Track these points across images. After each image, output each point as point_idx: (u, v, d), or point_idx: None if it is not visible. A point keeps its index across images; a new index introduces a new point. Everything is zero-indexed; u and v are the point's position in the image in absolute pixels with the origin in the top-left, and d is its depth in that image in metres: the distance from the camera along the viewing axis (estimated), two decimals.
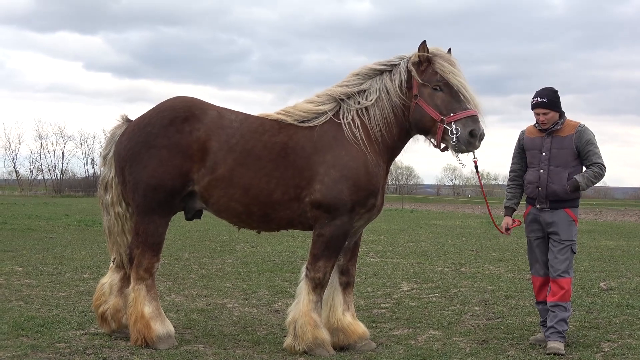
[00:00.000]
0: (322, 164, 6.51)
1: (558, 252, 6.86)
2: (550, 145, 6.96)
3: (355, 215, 6.55)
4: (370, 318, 8.21)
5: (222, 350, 6.59)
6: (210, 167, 6.60)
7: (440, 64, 6.49)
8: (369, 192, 6.54)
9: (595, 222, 31.80)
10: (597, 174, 6.92)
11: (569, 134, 6.93)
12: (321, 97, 6.80)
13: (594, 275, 12.03)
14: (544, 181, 6.93)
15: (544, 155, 6.98)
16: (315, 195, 6.49)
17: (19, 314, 7.95)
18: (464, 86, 6.44)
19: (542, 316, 7.13)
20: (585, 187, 6.92)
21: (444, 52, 6.60)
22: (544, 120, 6.94)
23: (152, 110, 6.91)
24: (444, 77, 6.44)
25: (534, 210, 7.05)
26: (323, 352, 6.47)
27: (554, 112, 6.94)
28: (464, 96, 6.41)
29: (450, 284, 10.96)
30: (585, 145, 6.91)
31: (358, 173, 6.48)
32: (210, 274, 11.81)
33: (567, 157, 6.93)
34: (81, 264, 12.62)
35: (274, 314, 8.47)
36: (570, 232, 6.91)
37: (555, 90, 7.02)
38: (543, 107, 6.92)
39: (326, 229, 6.52)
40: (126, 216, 7.01)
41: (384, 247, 17.27)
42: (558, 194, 6.88)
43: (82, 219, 25.49)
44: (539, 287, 7.12)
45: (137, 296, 6.69)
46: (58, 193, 77.59)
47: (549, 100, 6.92)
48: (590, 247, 17.66)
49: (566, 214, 6.91)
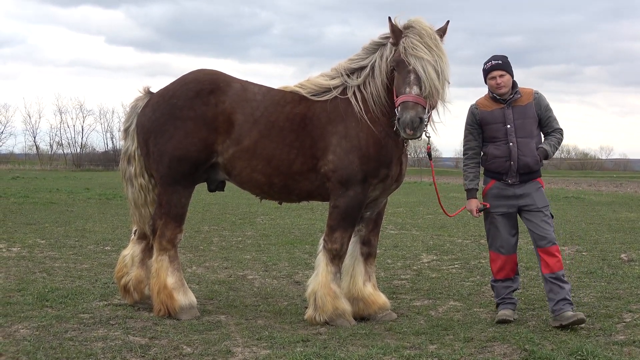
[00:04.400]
0: (335, 135, 6.52)
1: (540, 222, 6.62)
2: (513, 116, 6.67)
3: (368, 185, 6.54)
4: (391, 289, 8.24)
5: (243, 321, 6.64)
6: (235, 139, 6.62)
7: (405, 40, 6.21)
8: (380, 163, 6.51)
9: (615, 194, 31.58)
10: (560, 140, 6.78)
11: (529, 102, 6.70)
12: (331, 72, 6.81)
13: (614, 247, 11.97)
14: (515, 154, 6.62)
15: (509, 128, 6.66)
16: (329, 166, 6.50)
17: (43, 285, 8.05)
18: (420, 63, 6.08)
19: (498, 294, 6.85)
20: (552, 155, 6.74)
21: (420, 25, 6.25)
22: (500, 82, 6.63)
23: (176, 83, 6.92)
24: (399, 56, 6.20)
25: (499, 185, 6.75)
26: (344, 322, 6.50)
27: (509, 75, 6.68)
28: (412, 77, 6.09)
29: (470, 256, 10.95)
30: (544, 111, 6.73)
31: (367, 143, 6.46)
32: (231, 246, 11.88)
33: (531, 127, 6.69)
34: (102, 237, 12.74)
35: (295, 285, 8.52)
36: (543, 197, 6.73)
37: (507, 56, 6.78)
38: (499, 69, 6.65)
39: (340, 200, 6.53)
40: (149, 188, 7.06)
41: (403, 219, 17.28)
42: (530, 166, 6.64)
43: (103, 193, 25.66)
44: (500, 265, 6.81)
45: (159, 267, 6.75)
46: (78, 167, 78.03)
47: (504, 62, 6.70)
48: (610, 219, 17.56)
49: (535, 182, 6.72)
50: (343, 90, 6.68)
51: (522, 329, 6.41)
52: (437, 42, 6.21)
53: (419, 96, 6.03)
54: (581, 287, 8.30)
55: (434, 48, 6.15)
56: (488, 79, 6.75)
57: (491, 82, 6.72)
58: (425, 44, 6.13)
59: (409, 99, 6.01)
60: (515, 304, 6.87)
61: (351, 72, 6.71)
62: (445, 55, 6.23)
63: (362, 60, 6.68)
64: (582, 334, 6.22)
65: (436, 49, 6.15)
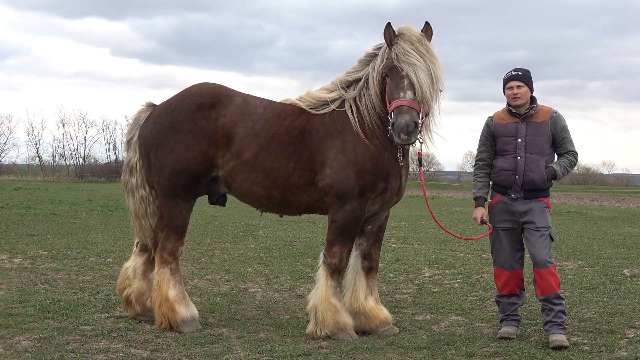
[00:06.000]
0: (332, 148, 6.52)
1: (537, 241, 6.52)
2: (525, 131, 6.59)
3: (365, 200, 6.53)
4: (393, 303, 8.22)
5: (245, 334, 6.64)
6: (235, 152, 6.64)
7: (396, 47, 6.22)
8: (376, 176, 6.50)
9: (618, 210, 31.55)
10: (572, 162, 6.66)
11: (544, 120, 6.60)
12: (330, 85, 6.83)
13: (617, 262, 11.94)
14: (521, 169, 6.55)
15: (520, 142, 6.59)
16: (326, 180, 6.51)
17: (45, 297, 8.05)
18: (413, 69, 6.09)
19: (502, 311, 6.78)
20: (562, 176, 6.61)
21: (410, 32, 6.27)
22: (517, 93, 6.57)
23: (178, 96, 6.95)
24: (392, 62, 6.20)
25: (504, 199, 6.68)
26: (345, 336, 6.49)
27: (527, 88, 6.61)
28: (406, 83, 6.09)
29: (473, 270, 10.93)
30: (560, 131, 6.61)
31: (364, 157, 6.46)
32: (233, 258, 11.87)
33: (544, 144, 6.59)
34: (105, 248, 12.73)
35: (296, 298, 8.51)
36: (546, 219, 6.59)
37: (529, 70, 6.74)
38: (518, 80, 6.59)
39: (338, 214, 6.53)
40: (149, 199, 7.08)
41: (405, 233, 17.25)
42: (535, 183, 6.54)
43: (105, 204, 25.67)
44: (504, 281, 6.73)
45: (161, 280, 6.75)
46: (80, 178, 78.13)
47: (524, 74, 6.66)
48: (613, 234, 17.53)
49: (540, 202, 6.61)
50: (341, 103, 6.69)
51: (525, 345, 6.39)
52: (429, 47, 6.23)
53: (412, 100, 6.03)
54: (583, 303, 8.28)
55: (426, 53, 6.17)
56: (506, 89, 6.68)
57: (508, 92, 6.66)
58: (416, 50, 6.15)
59: (403, 103, 6.01)
60: (520, 321, 6.83)
61: (347, 85, 6.71)
62: (437, 60, 6.26)
63: (358, 72, 6.70)
64: (584, 350, 6.21)
65: (428, 54, 6.17)
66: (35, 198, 29.98)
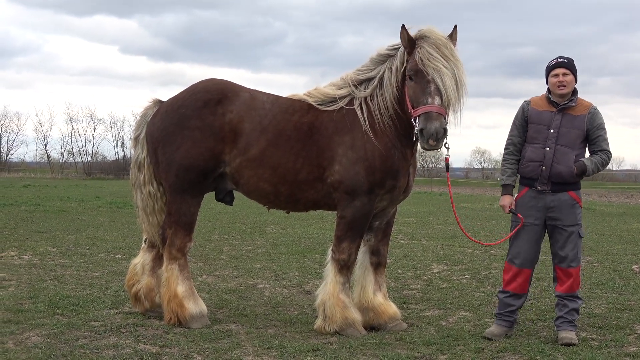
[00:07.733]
0: (341, 145, 6.51)
1: (565, 242, 6.37)
2: (560, 122, 6.36)
3: (374, 196, 6.53)
4: (401, 299, 8.22)
5: (254, 330, 6.65)
6: (242, 148, 6.63)
7: (420, 50, 6.14)
8: (386, 174, 6.49)
9: (627, 206, 31.46)
10: (605, 161, 6.46)
11: (581, 114, 6.37)
12: (340, 82, 6.79)
13: (626, 258, 11.92)
14: (549, 160, 6.32)
15: (551, 132, 6.36)
16: (335, 176, 6.51)
17: (54, 293, 8.08)
18: (439, 75, 6.02)
19: (498, 307, 6.62)
20: (592, 173, 6.40)
21: (434, 35, 6.18)
22: (563, 81, 6.33)
23: (185, 92, 6.95)
24: (416, 65, 6.12)
25: (531, 193, 6.46)
26: (354, 332, 6.50)
27: (573, 76, 6.39)
28: (433, 88, 6.03)
29: (481, 266, 10.92)
30: (596, 129, 6.38)
31: (374, 155, 6.44)
32: (241, 255, 11.89)
33: (576, 138, 6.37)
34: (113, 245, 12.77)
35: (305, 294, 8.51)
36: (575, 215, 6.38)
37: (573, 59, 6.53)
38: (564, 67, 6.37)
39: (347, 210, 6.53)
40: (157, 196, 7.09)
41: (414, 229, 17.25)
42: (563, 176, 6.32)
43: (113, 201, 25.75)
44: (511, 276, 6.54)
45: (170, 276, 6.76)
46: (89, 175, 78.23)
47: (570, 62, 6.45)
48: (622, 230, 17.49)
49: (569, 196, 6.39)
50: (350, 100, 6.67)
51: (533, 340, 6.39)
52: (453, 51, 6.16)
53: (441, 107, 5.98)
54: (593, 299, 8.26)
55: (451, 57, 6.10)
56: (550, 76, 6.45)
57: (553, 80, 6.42)
58: (442, 54, 6.08)
59: (433, 109, 5.94)
60: (513, 323, 6.63)
61: (359, 83, 6.67)
62: (461, 63, 6.18)
63: (370, 71, 6.64)
64: (593, 346, 6.20)
65: (453, 59, 6.10)
66: (44, 195, 30.08)
